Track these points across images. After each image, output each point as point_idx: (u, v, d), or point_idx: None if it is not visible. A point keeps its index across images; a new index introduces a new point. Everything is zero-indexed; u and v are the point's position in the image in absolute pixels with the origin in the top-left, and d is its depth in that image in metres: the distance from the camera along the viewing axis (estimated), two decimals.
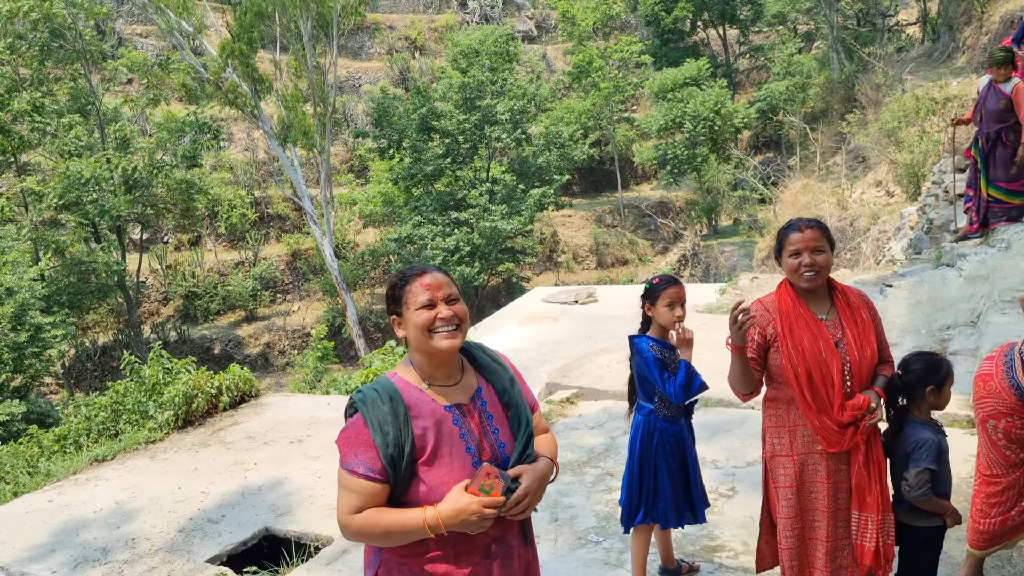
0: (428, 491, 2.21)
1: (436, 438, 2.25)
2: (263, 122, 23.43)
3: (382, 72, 37.35)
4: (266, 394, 8.90)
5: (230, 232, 29.15)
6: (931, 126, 16.36)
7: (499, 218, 24.66)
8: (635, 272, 29.33)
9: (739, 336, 3.13)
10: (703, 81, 31.83)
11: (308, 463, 6.65)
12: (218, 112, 25.54)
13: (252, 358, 25.26)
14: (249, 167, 31.10)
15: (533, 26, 42.87)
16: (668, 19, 36.42)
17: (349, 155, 34.16)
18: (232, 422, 7.82)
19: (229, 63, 21.83)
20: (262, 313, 27.32)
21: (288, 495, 6.08)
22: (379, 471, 2.19)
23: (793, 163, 28.63)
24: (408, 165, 26.20)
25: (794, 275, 3.17)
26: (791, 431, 3.24)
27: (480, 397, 2.39)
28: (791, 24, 38.40)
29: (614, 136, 34.43)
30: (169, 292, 27.10)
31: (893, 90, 21.02)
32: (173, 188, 24.31)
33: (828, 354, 3.13)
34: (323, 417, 7.77)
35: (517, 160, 28.43)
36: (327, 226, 24.19)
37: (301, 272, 28.71)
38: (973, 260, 7.51)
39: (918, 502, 3.24)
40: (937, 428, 3.34)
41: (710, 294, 11.79)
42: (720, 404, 6.89)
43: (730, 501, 5.03)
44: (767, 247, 22.09)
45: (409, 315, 2.31)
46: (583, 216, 32.81)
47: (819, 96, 30.69)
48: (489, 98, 26.14)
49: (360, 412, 2.24)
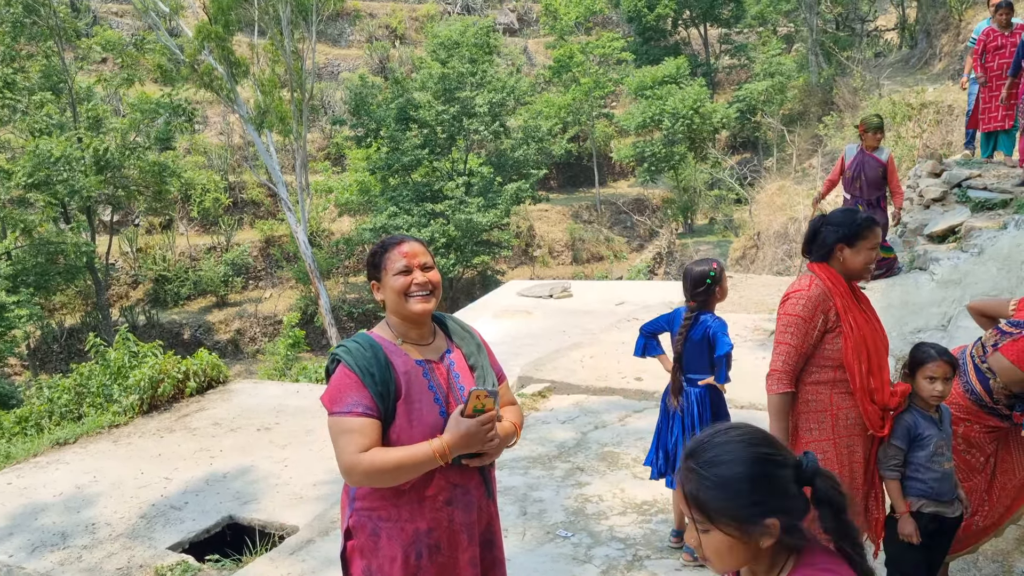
0: (399, 432, 2.37)
1: (406, 384, 2.42)
2: (239, 106, 23.13)
3: (361, 60, 37.06)
4: (234, 381, 8.78)
5: (203, 216, 28.81)
6: (907, 131, 16.47)
7: (475, 211, 24.58)
8: (610, 268, 29.38)
9: None
10: (682, 79, 31.92)
11: (275, 451, 6.56)
12: (193, 95, 25.21)
13: (222, 344, 25.00)
14: (224, 151, 30.75)
15: (515, 19, 42.75)
16: (650, 16, 36.44)
17: (326, 142, 33.88)
18: (198, 408, 7.70)
19: (205, 45, 21.50)
20: (233, 299, 27.04)
21: (253, 483, 5.99)
22: (374, 408, 2.34)
23: (770, 164, 28.77)
24: (385, 155, 26.03)
25: (865, 270, 3.21)
26: (834, 415, 3.18)
27: (449, 357, 2.57)
28: (771, 26, 38.61)
29: (593, 132, 34.43)
30: (139, 275, 26.74)
31: (870, 94, 21.18)
32: (145, 170, 23.93)
33: (880, 341, 3.20)
34: (291, 405, 7.67)
35: (495, 153, 28.36)
36: (302, 213, 23.96)
37: (274, 259, 28.44)
38: (946, 265, 7.56)
39: (883, 476, 3.30)
40: (930, 418, 3.29)
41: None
42: None
43: None
44: (742, 247, 22.21)
45: (387, 280, 2.49)
46: (560, 211, 32.81)
47: (797, 98, 30.86)
48: (468, 90, 26.02)
49: (344, 361, 2.40)
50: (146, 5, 22.21)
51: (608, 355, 8.25)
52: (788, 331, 3.16)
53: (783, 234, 18.20)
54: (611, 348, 8.55)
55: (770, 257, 18.46)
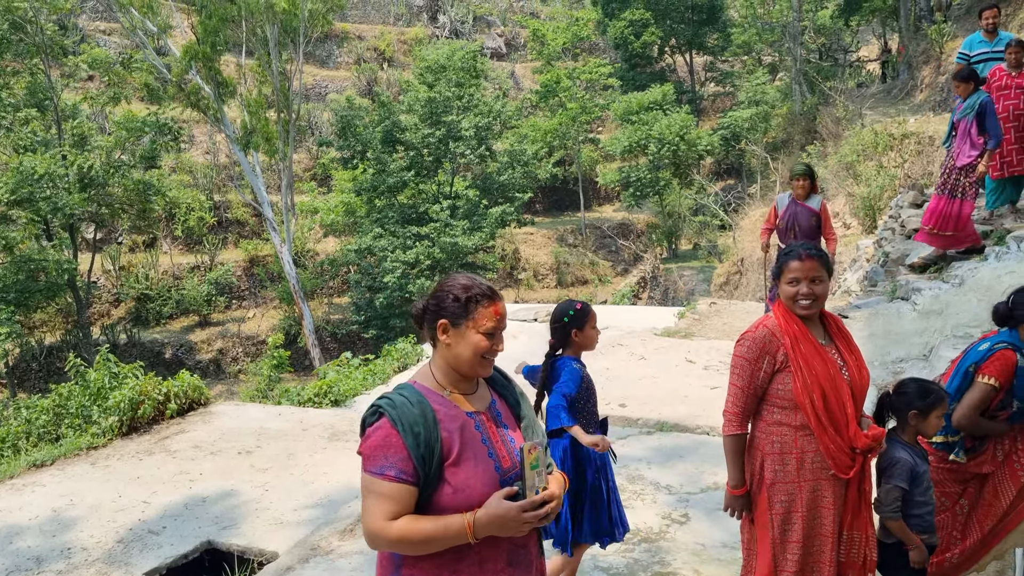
0: (454, 493, 2.21)
1: (461, 442, 2.26)
2: (225, 126, 23.13)
3: (349, 81, 37.19)
4: (216, 402, 8.70)
5: (187, 235, 28.70)
6: (889, 161, 16.65)
7: (460, 233, 24.61)
8: (595, 292, 29.43)
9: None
10: (668, 106, 32.21)
11: (256, 475, 6.50)
12: (180, 114, 25.16)
13: (204, 364, 24.81)
14: (209, 170, 30.70)
15: (503, 43, 43.07)
16: (636, 43, 36.83)
17: (312, 163, 33.90)
18: (179, 430, 7.63)
19: (193, 65, 21.54)
20: (216, 319, 26.88)
21: (234, 508, 5.92)
22: (411, 473, 2.18)
23: (753, 191, 29.00)
24: (371, 176, 26.04)
25: (790, 302, 3.16)
26: (799, 457, 3.15)
27: (495, 408, 2.43)
28: (756, 55, 39.09)
29: (579, 156, 34.64)
30: (121, 294, 26.54)
31: (853, 124, 21.42)
32: (130, 188, 23.83)
33: (838, 379, 3.12)
34: (273, 428, 7.61)
35: (481, 176, 28.45)
36: (287, 233, 23.92)
37: (258, 279, 28.33)
38: (927, 295, 7.63)
39: (886, 520, 3.28)
40: (918, 453, 3.35)
41: (668, 318, 11.84)
42: (675, 429, 6.89)
43: (682, 528, 5.00)
44: (726, 273, 22.33)
45: (469, 334, 2.31)
46: (545, 234, 32.90)
47: (781, 126, 31.20)
48: (455, 113, 26.13)
49: (388, 416, 2.24)
50: (134, 24, 22.24)
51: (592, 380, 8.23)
52: (735, 372, 3.22)
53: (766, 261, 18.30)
54: (594, 374, 8.47)
55: (753, 283, 18.57)
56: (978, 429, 3.57)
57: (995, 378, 3.48)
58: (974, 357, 3.60)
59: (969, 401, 3.51)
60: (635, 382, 8.31)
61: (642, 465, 6.03)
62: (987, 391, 3.50)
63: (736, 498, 3.28)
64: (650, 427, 6.98)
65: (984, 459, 3.61)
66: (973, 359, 3.60)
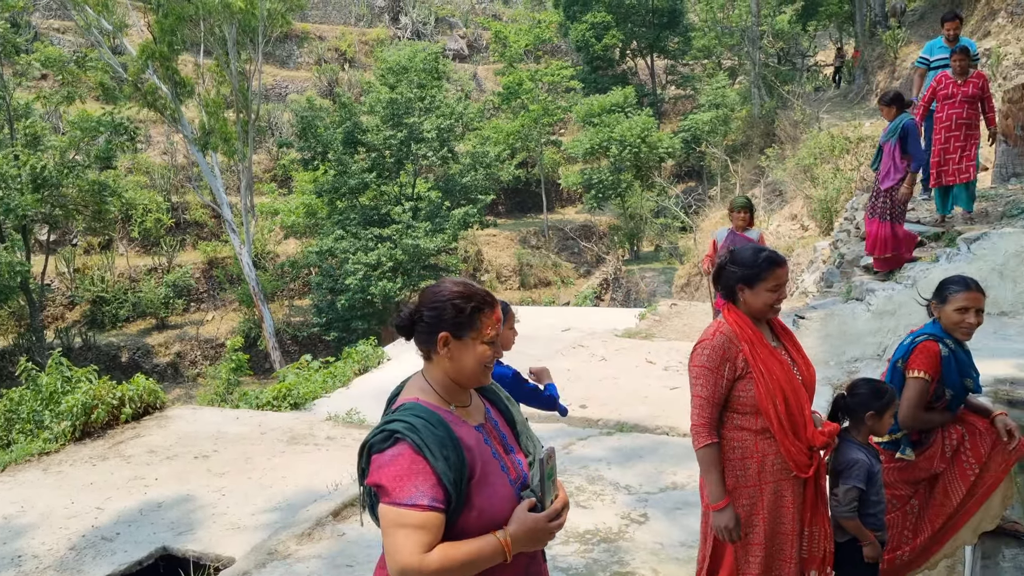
0: (478, 515, 2.09)
1: (480, 459, 2.15)
2: (183, 126, 22.82)
3: (310, 82, 36.91)
4: (172, 406, 8.58)
5: (144, 237, 28.26)
6: (844, 164, 16.94)
7: (422, 235, 24.53)
8: (557, 294, 29.53)
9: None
10: (629, 109, 32.43)
11: (212, 480, 6.41)
12: (136, 113, 24.78)
13: (162, 368, 24.44)
14: (167, 171, 30.26)
15: (465, 45, 43.05)
16: (598, 46, 37.04)
17: (272, 164, 33.57)
18: (134, 435, 7.50)
19: (149, 64, 21.21)
20: (174, 321, 26.49)
21: (189, 513, 5.84)
22: (443, 499, 2.03)
23: (714, 193, 29.32)
24: (332, 178, 25.85)
25: (766, 309, 3.15)
26: (760, 460, 3.14)
27: (492, 417, 2.33)
28: (716, 59, 39.52)
29: (541, 158, 34.73)
30: (76, 296, 26.04)
31: (810, 127, 21.75)
32: (85, 189, 23.42)
33: (794, 380, 3.14)
34: (231, 432, 7.51)
35: (443, 178, 28.39)
36: (246, 235, 23.66)
37: (217, 281, 27.97)
38: (881, 295, 7.75)
39: (843, 519, 3.32)
40: (872, 452, 3.41)
41: (630, 319, 11.91)
42: (635, 429, 6.93)
43: (641, 527, 5.03)
44: (687, 274, 22.53)
45: (475, 345, 2.18)
46: (507, 236, 32.93)
47: (740, 129, 31.58)
48: (416, 115, 26.05)
49: (409, 441, 2.05)
50: (88, 22, 21.85)
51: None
52: (698, 383, 3.15)
53: None
54: (556, 375, 8.49)
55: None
56: (923, 423, 3.65)
57: (923, 371, 3.56)
58: (900, 351, 3.70)
59: (908, 399, 3.59)
60: (596, 383, 8.35)
61: (602, 465, 6.05)
62: (920, 385, 3.57)
63: (721, 513, 3.14)
64: (610, 428, 7.01)
65: (933, 454, 3.68)
66: (899, 353, 3.69)
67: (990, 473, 3.60)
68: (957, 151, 8.26)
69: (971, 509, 3.62)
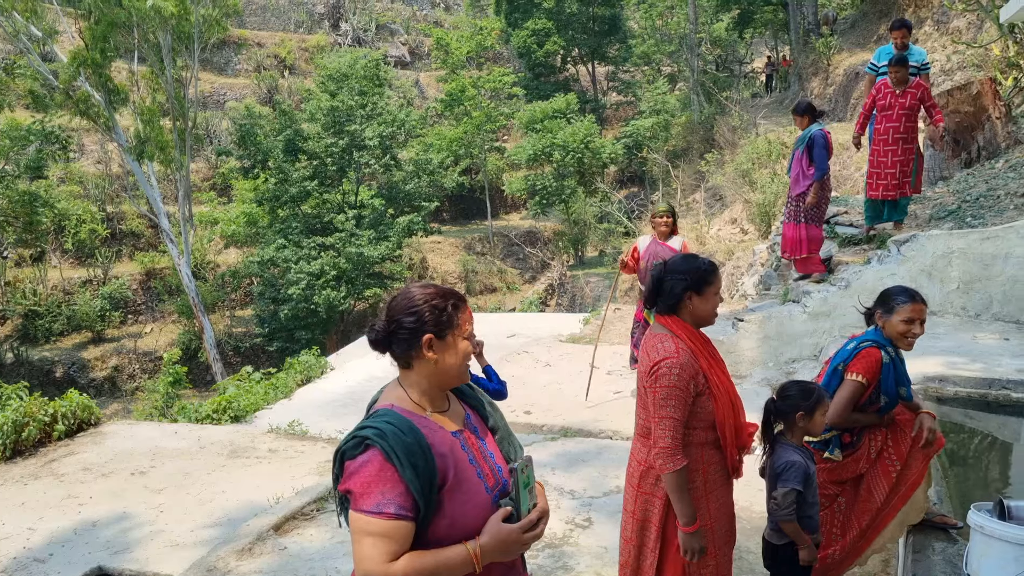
0: (451, 523, 2.06)
1: (454, 466, 2.11)
2: (117, 135, 22.29)
3: (249, 89, 36.41)
4: (109, 422, 8.36)
5: (78, 248, 27.51)
6: (781, 168, 17.32)
7: (366, 243, 24.35)
8: (503, 300, 29.56)
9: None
10: (571, 115, 32.67)
11: (150, 496, 6.26)
12: (68, 122, 24.14)
13: (98, 382, 23.81)
14: (101, 181, 29.52)
15: (406, 52, 42.92)
16: (539, 53, 37.27)
17: (211, 173, 33.00)
18: (67, 452, 7.29)
19: (81, 72, 20.67)
20: (111, 335, 25.83)
21: (126, 531, 5.69)
22: (410, 507, 2.01)
23: (656, 198, 29.66)
24: (273, 186, 25.52)
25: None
26: (704, 472, 3.14)
27: (471, 422, 2.29)
28: (656, 65, 40.05)
29: (484, 165, 34.77)
30: (7, 310, 25.22)
31: (748, 133, 22.19)
32: (14, 200, 22.74)
33: (733, 388, 3.20)
34: (169, 447, 7.35)
35: (386, 185, 28.23)
36: (185, 245, 23.20)
37: (156, 292, 27.37)
38: (816, 297, 7.93)
39: (781, 521, 3.36)
40: (807, 454, 3.47)
41: (574, 324, 11.97)
42: (579, 434, 6.96)
43: (585, 532, 5.05)
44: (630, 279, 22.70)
45: (458, 342, 2.19)
46: (453, 243, 32.88)
47: (681, 135, 32.05)
48: (358, 122, 25.86)
49: (379, 448, 2.02)
50: (17, 29, 21.21)
51: None
52: (669, 403, 3.01)
53: None
54: None
55: None
56: (851, 423, 3.73)
57: (862, 375, 3.65)
58: (843, 356, 3.78)
59: (839, 398, 3.67)
60: (540, 389, 8.38)
61: (547, 471, 6.07)
62: (856, 388, 3.66)
63: (694, 536, 3.08)
64: (555, 433, 7.04)
65: (860, 456, 3.77)
66: (842, 358, 3.77)
67: (911, 470, 3.70)
68: (896, 165, 8.14)
69: (896, 505, 3.72)
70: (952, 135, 10.70)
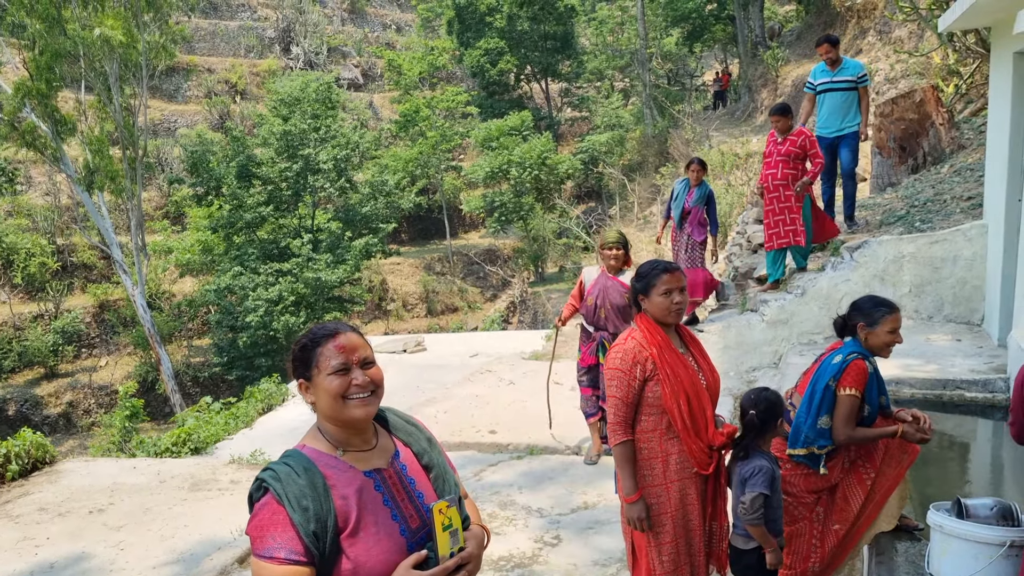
0: (354, 568, 1.97)
1: (359, 508, 2.03)
2: (66, 165, 21.90)
3: (200, 115, 36.03)
4: (64, 459, 8.15)
5: (28, 282, 26.89)
6: (735, 179, 17.55)
7: (324, 267, 24.16)
8: (465, 319, 29.50)
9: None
10: (527, 132, 32.85)
11: (109, 534, 6.11)
12: (14, 154, 23.68)
13: (53, 419, 23.25)
14: (50, 213, 28.92)
15: (359, 74, 42.82)
16: (493, 71, 37.45)
17: (164, 201, 32.52)
18: (21, 493, 7.09)
19: (26, 102, 20.29)
20: (64, 369, 25.25)
21: (85, 572, 5.54)
22: (302, 552, 1.93)
23: (614, 212, 29.92)
24: (228, 212, 25.22)
25: (665, 312, 3.38)
26: (664, 460, 3.38)
27: (399, 460, 2.20)
28: (609, 80, 40.46)
29: (441, 184, 34.77)
30: None
31: (701, 145, 22.47)
32: None
33: (698, 384, 3.38)
34: (128, 483, 7.19)
35: (343, 208, 28.07)
36: (139, 275, 22.81)
37: (110, 325, 26.84)
38: (774, 306, 8.03)
39: (749, 525, 3.40)
40: (772, 458, 3.51)
41: (536, 341, 11.98)
42: (545, 452, 6.95)
43: (555, 549, 5.03)
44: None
45: (320, 380, 2.10)
46: (412, 264, 32.77)
47: (636, 149, 32.39)
48: (312, 146, 25.71)
49: (273, 490, 1.99)
50: None
51: (462, 409, 8.24)
52: (612, 384, 3.39)
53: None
54: (465, 402, 8.54)
55: None
56: (859, 439, 3.73)
57: (855, 388, 3.68)
58: (831, 371, 3.74)
59: (842, 416, 3.68)
60: (505, 407, 8.35)
61: (513, 490, 6.05)
62: (854, 403, 3.69)
63: (633, 505, 3.37)
64: (520, 451, 7.01)
65: (834, 465, 3.80)
66: (831, 373, 3.74)
67: (884, 478, 3.74)
68: (784, 212, 7.89)
69: (872, 514, 3.76)
70: (898, 142, 10.95)
